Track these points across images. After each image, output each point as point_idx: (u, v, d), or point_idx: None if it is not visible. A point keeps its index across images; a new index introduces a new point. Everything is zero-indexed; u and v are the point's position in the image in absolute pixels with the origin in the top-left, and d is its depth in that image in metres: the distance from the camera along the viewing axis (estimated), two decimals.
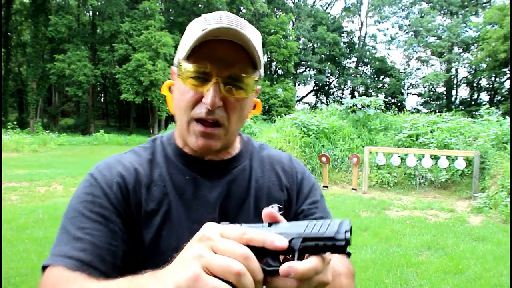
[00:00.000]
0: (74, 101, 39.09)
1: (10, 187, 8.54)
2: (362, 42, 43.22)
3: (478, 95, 37.70)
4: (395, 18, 41.54)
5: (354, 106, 11.29)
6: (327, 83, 44.56)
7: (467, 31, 35.95)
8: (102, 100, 42.50)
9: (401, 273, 4.09)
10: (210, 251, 0.47)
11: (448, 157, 8.38)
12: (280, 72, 38.20)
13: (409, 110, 20.91)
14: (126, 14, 30.65)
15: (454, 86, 38.72)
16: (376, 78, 41.81)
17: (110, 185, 0.77)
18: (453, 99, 37.96)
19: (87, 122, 32.73)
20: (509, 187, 6.57)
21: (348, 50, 42.87)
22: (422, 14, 37.99)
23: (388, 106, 26.63)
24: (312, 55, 39.83)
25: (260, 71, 0.79)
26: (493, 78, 34.41)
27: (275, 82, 35.31)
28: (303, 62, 40.90)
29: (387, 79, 40.46)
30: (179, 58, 0.76)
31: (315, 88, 45.38)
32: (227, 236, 0.48)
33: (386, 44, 41.93)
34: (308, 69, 42.85)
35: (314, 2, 45.89)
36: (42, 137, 21.55)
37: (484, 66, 32.30)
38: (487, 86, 36.41)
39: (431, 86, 38.18)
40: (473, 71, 36.35)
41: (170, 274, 0.48)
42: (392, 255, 4.62)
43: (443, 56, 36.21)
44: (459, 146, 9.00)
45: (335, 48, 40.03)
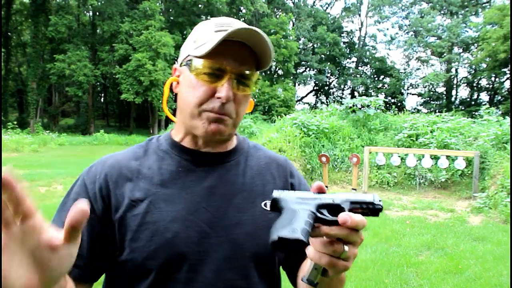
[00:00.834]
0: (74, 101, 39.09)
1: None
2: (362, 42, 43.22)
3: (478, 95, 37.72)
4: (395, 18, 41.56)
5: (354, 106, 11.29)
6: (327, 83, 44.55)
7: (467, 31, 35.97)
8: (102, 100, 42.50)
9: (401, 273, 4.09)
10: None
11: (448, 157, 8.38)
12: (280, 72, 38.19)
13: (409, 110, 20.91)
14: (126, 14, 30.65)
15: (454, 86, 38.73)
16: (376, 78, 41.80)
17: (92, 180, 0.83)
18: (453, 99, 37.96)
19: (87, 122, 32.73)
20: (509, 187, 6.57)
21: (348, 50, 42.86)
22: (422, 14, 37.98)
23: (388, 106, 26.65)
24: (312, 55, 39.83)
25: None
26: (493, 78, 34.41)
27: (275, 82, 35.30)
28: (303, 62, 40.89)
29: (387, 79, 40.45)
30: (192, 54, 0.80)
31: (315, 88, 45.39)
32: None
33: (386, 44, 41.95)
34: (308, 69, 42.84)
35: (314, 2, 45.90)
36: (42, 137, 21.55)
37: (484, 66, 32.29)
38: (487, 86, 36.42)
39: (431, 86, 38.18)
40: (473, 71, 36.34)
41: None
42: (392, 255, 4.62)
43: (443, 56, 36.21)
44: (459, 146, 9.00)
45: (335, 48, 40.02)
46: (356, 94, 41.52)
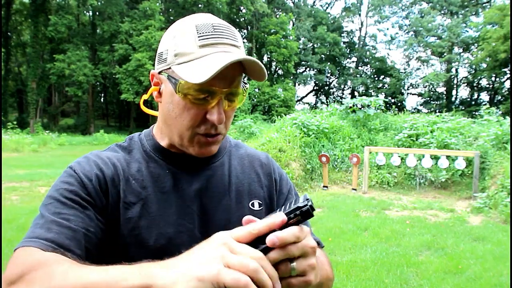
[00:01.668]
0: (74, 101, 39.08)
1: (10, 187, 8.55)
2: (362, 42, 43.21)
3: (478, 95, 37.71)
4: (395, 18, 41.55)
5: (354, 106, 11.29)
6: (327, 83, 44.55)
7: (467, 31, 35.96)
8: (102, 100, 42.49)
9: (401, 273, 4.09)
10: (230, 252, 0.52)
11: (448, 157, 8.38)
12: (280, 72, 38.18)
13: (409, 110, 20.91)
14: (126, 14, 30.64)
15: (454, 86, 38.72)
16: (376, 78, 41.80)
17: (89, 176, 0.77)
18: (453, 99, 37.95)
19: (87, 122, 32.73)
20: (509, 187, 6.56)
21: (348, 50, 42.85)
22: (422, 14, 37.97)
23: (388, 106, 26.61)
24: (312, 55, 39.81)
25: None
26: (493, 78, 34.40)
27: (275, 82, 35.29)
28: (303, 62, 40.88)
29: (387, 79, 40.44)
30: (178, 74, 0.74)
31: (315, 88, 45.38)
32: (239, 237, 0.55)
33: (386, 44, 41.94)
34: (308, 69, 42.84)
35: (314, 2, 45.89)
36: (42, 137, 21.54)
37: (484, 66, 32.29)
38: (487, 86, 36.41)
39: (431, 86, 38.17)
40: (473, 71, 36.34)
41: (192, 270, 0.51)
42: (392, 255, 4.62)
43: (443, 56, 36.21)
44: (459, 146, 9.00)
45: (335, 48, 40.01)
46: (356, 94, 41.51)
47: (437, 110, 29.21)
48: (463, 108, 33.69)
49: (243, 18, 37.60)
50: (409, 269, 4.20)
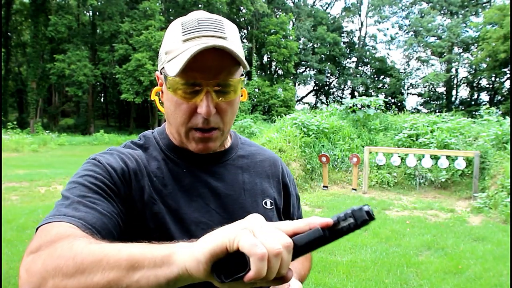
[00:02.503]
0: (74, 101, 39.09)
1: (10, 187, 8.55)
2: (362, 42, 43.20)
3: (478, 95, 37.71)
4: (395, 18, 41.57)
5: (354, 106, 11.29)
6: (327, 83, 44.55)
7: (467, 31, 35.97)
8: (102, 100, 42.48)
9: (401, 273, 4.09)
10: (260, 227, 0.49)
11: (448, 157, 8.38)
12: (280, 72, 38.18)
13: (409, 110, 20.93)
14: (126, 14, 30.64)
15: (454, 86, 38.72)
16: (376, 78, 41.79)
17: (114, 167, 0.77)
18: (453, 99, 37.95)
19: (87, 122, 32.73)
20: (509, 187, 6.56)
21: (348, 50, 42.84)
22: (422, 14, 37.97)
23: (388, 106, 26.64)
24: (312, 55, 39.81)
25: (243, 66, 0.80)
26: (493, 78, 34.40)
27: (275, 82, 35.29)
28: (303, 62, 40.88)
29: (387, 79, 40.44)
30: (166, 69, 0.77)
31: (315, 88, 45.38)
32: (276, 225, 0.51)
33: (386, 44, 41.93)
34: (308, 69, 42.83)
35: (314, 2, 45.88)
36: (42, 137, 21.55)
37: (484, 66, 32.29)
38: (487, 86, 36.40)
39: (431, 86, 38.17)
40: (473, 71, 36.34)
41: (214, 238, 0.49)
42: (392, 255, 4.62)
43: (443, 56, 36.20)
44: (459, 146, 8.99)
45: (335, 48, 40.00)
46: (356, 94, 41.50)
47: (437, 110, 29.23)
48: (463, 108, 33.69)
49: (243, 18, 37.59)
50: (409, 269, 4.20)
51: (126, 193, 0.76)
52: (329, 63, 40.66)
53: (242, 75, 0.81)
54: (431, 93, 38.79)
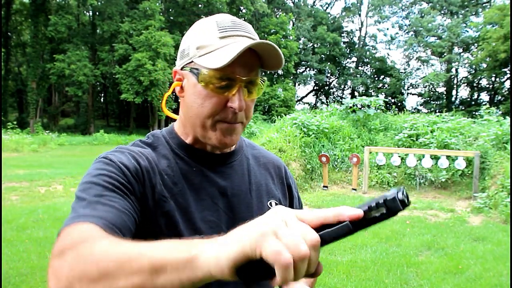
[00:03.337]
0: (74, 101, 39.09)
1: (10, 187, 8.54)
2: (362, 42, 43.21)
3: (478, 95, 37.72)
4: (395, 18, 41.59)
5: (354, 106, 11.29)
6: (327, 83, 44.56)
7: (467, 31, 35.98)
8: (102, 100, 42.49)
9: (401, 273, 4.09)
10: (285, 226, 0.47)
11: (448, 157, 8.38)
12: (280, 72, 38.15)
13: (409, 110, 20.91)
14: (126, 14, 30.64)
15: (454, 86, 38.73)
16: (376, 78, 41.80)
17: (127, 165, 0.77)
18: (453, 99, 37.96)
19: (87, 122, 32.73)
20: (509, 187, 6.56)
21: (348, 50, 42.85)
22: (422, 14, 37.98)
23: (388, 106, 26.65)
24: (312, 55, 39.81)
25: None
26: (493, 78, 34.41)
27: (275, 82, 35.29)
28: (303, 62, 40.89)
29: (387, 79, 40.45)
30: (201, 64, 0.78)
31: (315, 88, 45.38)
32: (303, 218, 0.48)
33: (386, 44, 41.97)
34: (308, 69, 42.84)
35: (314, 2, 45.89)
36: (42, 137, 21.55)
37: (484, 66, 32.31)
38: (487, 86, 36.42)
39: (431, 86, 38.18)
40: (473, 71, 36.36)
41: (238, 239, 0.48)
42: (392, 255, 4.62)
43: (443, 56, 36.21)
44: (459, 146, 8.99)
45: (335, 48, 40.02)
46: (356, 94, 41.51)
47: (437, 110, 29.23)
48: (463, 108, 33.69)
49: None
50: (409, 269, 4.20)
51: (140, 191, 0.77)
52: (329, 63, 40.67)
53: (263, 76, 0.85)
54: (431, 93, 38.80)
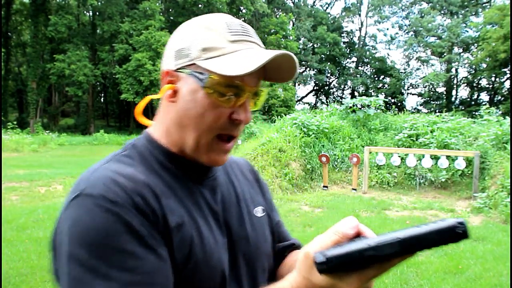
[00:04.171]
0: (74, 101, 39.11)
1: (10, 187, 8.54)
2: (362, 42, 43.22)
3: (478, 95, 37.72)
4: (395, 18, 41.57)
5: (354, 106, 11.29)
6: (327, 83, 44.56)
7: (467, 31, 35.98)
8: (102, 100, 42.51)
9: (401, 273, 4.09)
10: None
11: (448, 157, 8.38)
12: None
13: (409, 110, 20.92)
14: (126, 14, 30.64)
15: (454, 86, 38.73)
16: (376, 78, 41.81)
17: (135, 205, 0.62)
18: (453, 99, 37.96)
19: (87, 122, 32.73)
20: (509, 187, 6.57)
21: (348, 50, 42.86)
22: (422, 14, 37.99)
23: (388, 106, 26.63)
24: (312, 55, 39.82)
25: None
26: (493, 78, 34.41)
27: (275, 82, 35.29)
28: (303, 62, 40.87)
29: (387, 79, 40.45)
30: (210, 69, 0.68)
31: (315, 88, 45.39)
32: None
33: (386, 44, 41.97)
34: (308, 69, 42.83)
35: (314, 2, 45.90)
36: (42, 137, 21.55)
37: (484, 66, 32.31)
38: (487, 86, 36.42)
39: (431, 86, 38.19)
40: (473, 71, 36.36)
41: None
42: None
43: (443, 56, 36.22)
44: (459, 146, 9.00)
45: (335, 48, 40.02)
46: (356, 94, 41.52)
47: (437, 110, 29.22)
48: (463, 108, 33.69)
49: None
50: (409, 269, 4.20)
51: (159, 231, 0.65)
52: (329, 63, 40.67)
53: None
54: (431, 93, 38.81)
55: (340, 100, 37.30)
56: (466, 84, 38.33)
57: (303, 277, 0.60)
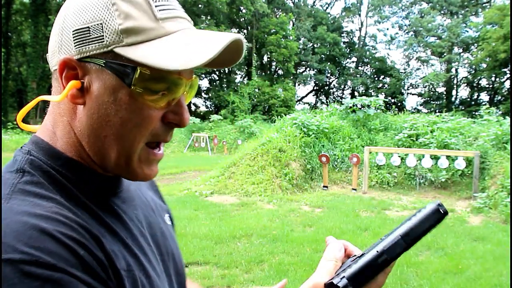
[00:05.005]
0: None
1: None
2: (362, 42, 43.21)
3: (478, 95, 37.69)
4: (395, 18, 41.53)
5: (354, 106, 11.30)
6: (327, 83, 44.54)
7: (467, 31, 35.97)
8: None
9: (401, 273, 4.08)
10: None
11: (448, 157, 8.38)
12: (280, 72, 38.17)
13: (409, 110, 20.93)
14: None
15: (454, 86, 38.72)
16: (376, 78, 41.79)
17: (81, 262, 0.45)
18: (453, 99, 37.95)
19: None
20: (509, 187, 6.57)
21: (348, 50, 42.85)
22: (422, 14, 37.99)
23: (388, 106, 26.64)
24: (312, 55, 39.81)
25: None
26: (493, 78, 34.39)
27: (275, 82, 35.29)
28: (303, 62, 40.88)
29: (387, 79, 40.44)
30: (136, 58, 0.50)
31: (315, 88, 45.37)
32: None
33: (386, 44, 41.93)
34: (308, 69, 42.83)
35: (314, 2, 45.88)
36: None
37: (484, 66, 32.30)
38: (487, 86, 36.40)
39: (431, 86, 38.17)
40: (473, 71, 36.34)
41: None
42: None
43: (443, 56, 36.21)
44: (459, 146, 9.00)
45: (335, 48, 40.01)
46: (356, 94, 41.50)
47: (437, 110, 29.23)
48: (463, 108, 33.68)
49: (243, 18, 37.58)
50: (409, 269, 4.20)
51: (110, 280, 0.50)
52: (329, 63, 40.66)
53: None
54: (431, 93, 38.80)
55: (340, 100, 37.27)
56: (466, 84, 38.32)
57: None
